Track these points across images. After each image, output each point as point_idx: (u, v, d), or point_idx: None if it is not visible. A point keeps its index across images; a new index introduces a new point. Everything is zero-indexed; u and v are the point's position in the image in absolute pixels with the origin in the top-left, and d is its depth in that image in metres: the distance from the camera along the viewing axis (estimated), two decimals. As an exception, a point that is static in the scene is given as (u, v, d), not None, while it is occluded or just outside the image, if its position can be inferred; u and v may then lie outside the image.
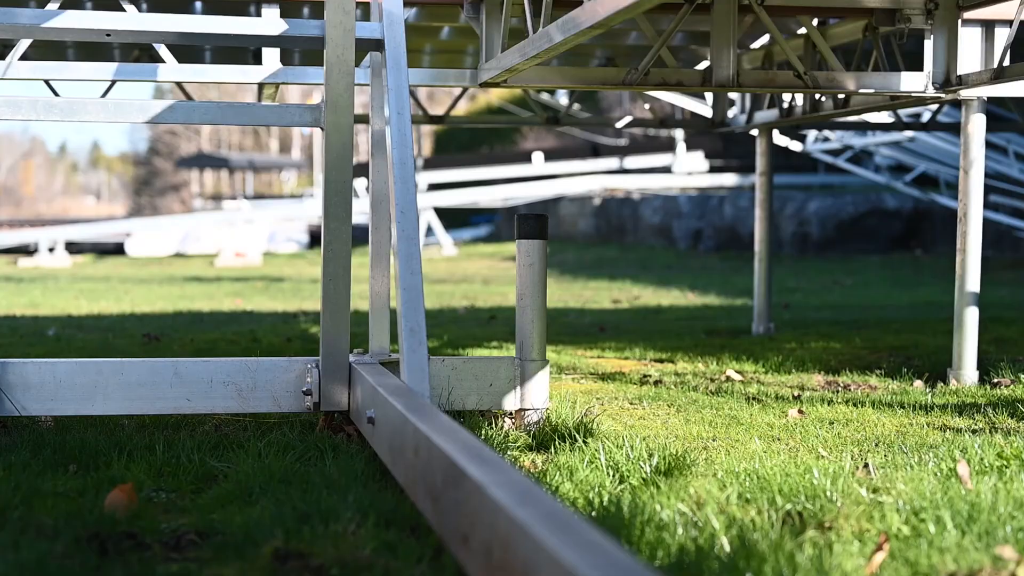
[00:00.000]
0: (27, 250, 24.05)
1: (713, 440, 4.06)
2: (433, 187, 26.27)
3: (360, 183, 36.72)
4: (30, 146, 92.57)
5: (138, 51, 7.19)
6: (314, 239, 29.36)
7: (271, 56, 5.15)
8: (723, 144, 27.97)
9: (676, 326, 8.75)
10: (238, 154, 56.08)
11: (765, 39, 6.94)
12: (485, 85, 5.16)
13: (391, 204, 3.87)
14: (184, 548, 2.75)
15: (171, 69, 5.06)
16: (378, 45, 4.13)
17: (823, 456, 3.71)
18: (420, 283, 3.73)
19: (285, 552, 2.59)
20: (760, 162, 8.00)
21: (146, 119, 3.97)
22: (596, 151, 27.81)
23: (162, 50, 5.15)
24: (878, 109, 6.39)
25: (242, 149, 64.50)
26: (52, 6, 4.89)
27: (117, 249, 26.64)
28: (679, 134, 25.39)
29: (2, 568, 2.35)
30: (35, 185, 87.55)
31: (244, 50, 7.46)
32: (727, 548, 2.42)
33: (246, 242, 23.82)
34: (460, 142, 36.55)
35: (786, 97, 7.18)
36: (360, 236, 30.53)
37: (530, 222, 4.26)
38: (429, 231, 25.04)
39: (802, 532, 2.59)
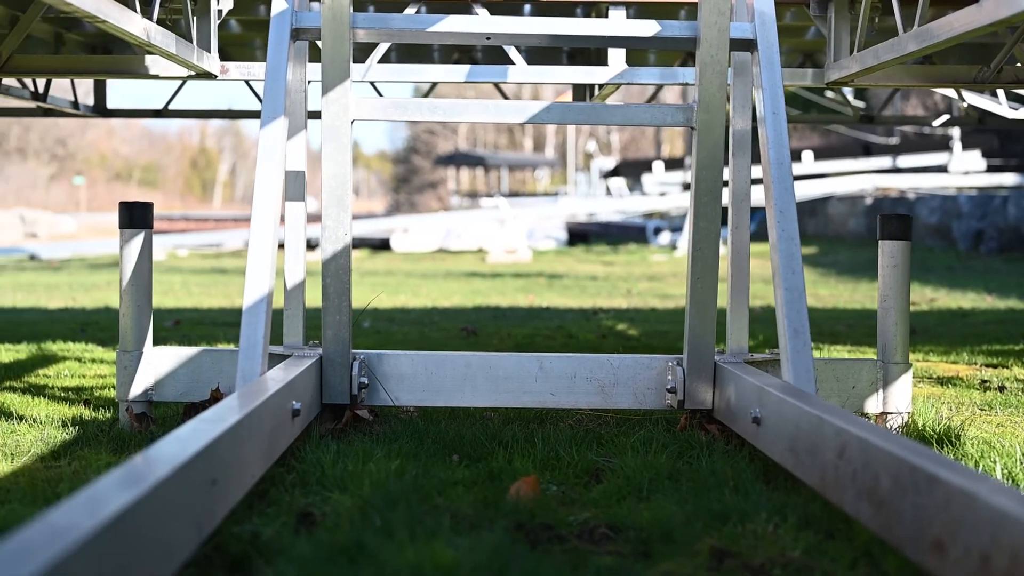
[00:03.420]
0: (309, 245, 24.95)
1: (1093, 451, 3.90)
2: (688, 187, 26.14)
3: (613, 183, 36.89)
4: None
5: (458, 54, 7.39)
6: (572, 236, 29.59)
7: (616, 57, 5.20)
8: (999, 143, 26.93)
9: (989, 330, 8.45)
10: (493, 152, 57.04)
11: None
12: (832, 84, 5.10)
13: (769, 204, 3.86)
14: (599, 541, 2.78)
15: (520, 70, 5.17)
16: (749, 45, 4.11)
17: None
18: (802, 283, 3.70)
19: (720, 550, 2.61)
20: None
21: (524, 119, 4.06)
22: (868, 150, 27.16)
23: (511, 52, 5.27)
24: None
25: (497, 147, 65.62)
26: (410, 10, 5.06)
27: (383, 244, 27.43)
28: (956, 132, 24.56)
29: (467, 556, 2.44)
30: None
31: (558, 51, 7.56)
32: None
33: (512, 239, 24.20)
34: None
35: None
36: (616, 234, 30.68)
37: (894, 222, 4.19)
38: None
39: None
